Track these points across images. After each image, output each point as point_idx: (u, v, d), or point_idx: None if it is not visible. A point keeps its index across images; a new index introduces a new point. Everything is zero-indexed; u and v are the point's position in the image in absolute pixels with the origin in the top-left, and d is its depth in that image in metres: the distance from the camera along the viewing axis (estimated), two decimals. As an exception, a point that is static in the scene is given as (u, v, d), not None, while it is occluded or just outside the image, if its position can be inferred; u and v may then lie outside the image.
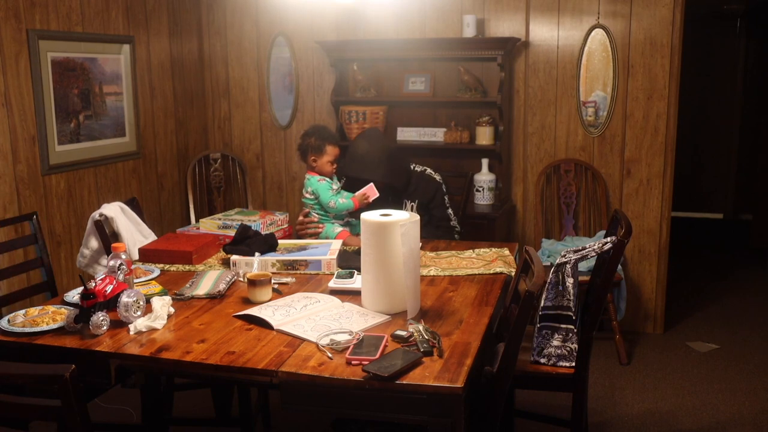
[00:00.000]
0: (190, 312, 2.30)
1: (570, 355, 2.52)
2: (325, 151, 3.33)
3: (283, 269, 2.74)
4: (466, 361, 1.88)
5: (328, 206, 3.29)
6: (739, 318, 4.71)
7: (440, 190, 3.37)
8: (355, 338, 1.99)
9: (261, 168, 5.05)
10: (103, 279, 2.16)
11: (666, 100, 4.19)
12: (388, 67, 4.61)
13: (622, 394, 3.64)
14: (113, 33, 4.17)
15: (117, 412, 3.39)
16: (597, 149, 4.38)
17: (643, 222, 4.34)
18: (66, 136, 3.86)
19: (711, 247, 6.65)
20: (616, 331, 4.02)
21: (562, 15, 4.31)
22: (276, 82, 4.91)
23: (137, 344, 2.04)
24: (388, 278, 2.22)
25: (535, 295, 1.97)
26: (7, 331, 2.12)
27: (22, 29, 3.55)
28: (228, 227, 3.19)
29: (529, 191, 4.54)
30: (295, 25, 4.79)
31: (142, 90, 4.44)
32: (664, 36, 4.14)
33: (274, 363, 1.89)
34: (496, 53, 4.19)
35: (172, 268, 2.80)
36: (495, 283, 2.57)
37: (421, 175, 3.40)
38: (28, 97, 3.60)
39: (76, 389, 1.56)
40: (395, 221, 2.20)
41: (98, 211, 3.12)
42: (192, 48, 4.91)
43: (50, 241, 3.73)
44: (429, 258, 2.89)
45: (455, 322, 2.18)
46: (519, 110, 4.48)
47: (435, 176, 3.39)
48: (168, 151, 4.72)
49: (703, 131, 7.64)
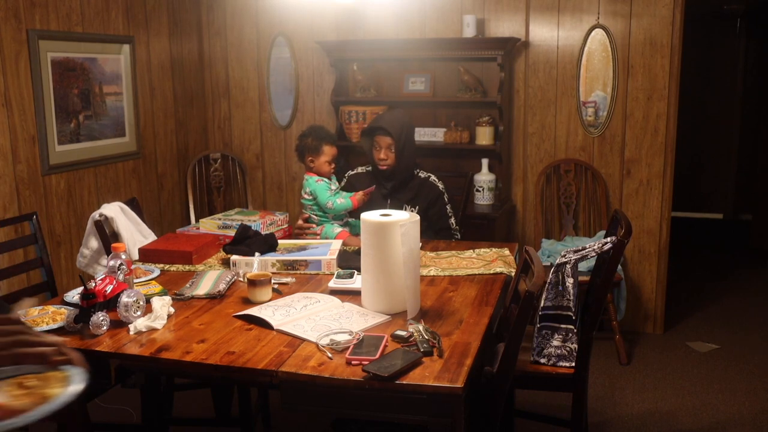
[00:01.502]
0: (190, 312, 2.30)
1: (570, 355, 2.52)
2: (322, 152, 3.33)
3: (283, 269, 2.74)
4: (466, 361, 1.88)
5: (326, 207, 3.29)
6: (739, 318, 4.71)
7: (441, 198, 3.37)
8: (355, 338, 1.99)
9: (261, 168, 5.05)
10: (103, 279, 2.16)
11: (666, 100, 4.19)
12: (388, 67, 4.61)
13: (622, 394, 3.64)
14: (113, 33, 4.17)
15: (117, 412, 3.39)
16: (597, 149, 4.38)
17: (643, 222, 4.34)
18: (66, 136, 3.86)
19: (711, 247, 6.65)
20: (616, 331, 4.02)
21: (562, 15, 4.31)
22: (276, 83, 4.91)
23: (137, 344, 2.04)
24: (388, 278, 2.22)
25: (535, 295, 1.97)
26: (7, 331, 2.11)
27: (22, 29, 3.55)
28: (228, 227, 3.19)
29: (529, 191, 4.54)
30: (295, 25, 4.79)
31: (142, 90, 4.44)
32: (664, 36, 4.14)
33: (274, 363, 1.88)
34: (496, 53, 4.19)
35: (172, 268, 2.80)
36: (495, 283, 2.57)
37: (424, 182, 3.40)
38: (28, 97, 3.61)
39: (76, 389, 1.56)
40: (395, 221, 2.20)
41: (98, 211, 3.12)
42: (192, 48, 4.91)
43: (50, 241, 3.73)
44: (429, 258, 2.89)
45: (455, 322, 2.18)
46: (519, 110, 4.48)
47: (438, 184, 3.39)
48: (168, 151, 4.73)
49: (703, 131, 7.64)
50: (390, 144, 3.29)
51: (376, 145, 3.32)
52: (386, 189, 3.37)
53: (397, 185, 3.37)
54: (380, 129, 3.30)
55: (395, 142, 3.28)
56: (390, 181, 3.36)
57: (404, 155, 3.31)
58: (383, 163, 3.32)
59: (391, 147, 3.29)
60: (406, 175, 3.37)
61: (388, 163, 3.32)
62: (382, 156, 3.30)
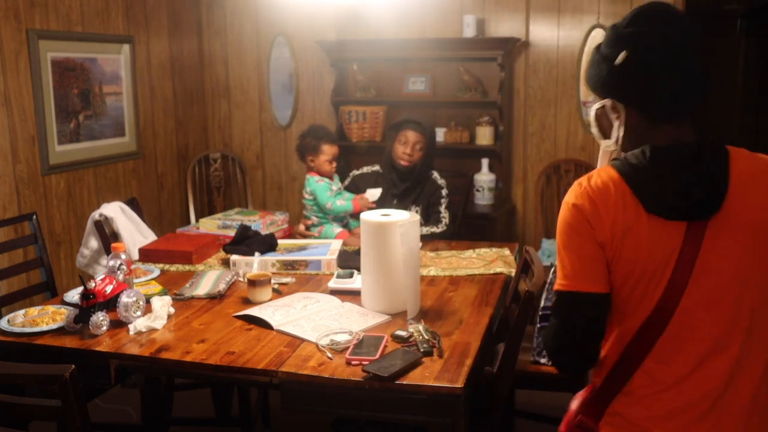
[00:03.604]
0: (190, 312, 2.30)
1: (570, 355, 2.52)
2: (321, 151, 3.32)
3: (283, 269, 2.74)
4: (466, 361, 1.88)
5: (325, 207, 3.29)
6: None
7: (439, 192, 3.35)
8: (355, 338, 1.99)
9: (261, 168, 5.05)
10: (103, 279, 2.16)
11: (666, 100, 4.18)
12: (388, 67, 4.61)
13: (622, 394, 3.62)
14: (113, 33, 4.17)
15: (117, 412, 3.39)
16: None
17: (643, 222, 4.34)
18: (66, 136, 3.86)
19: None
20: (616, 331, 4.01)
21: (562, 15, 4.31)
22: (276, 82, 4.91)
23: (137, 344, 2.04)
24: (388, 278, 2.22)
25: (535, 295, 1.97)
26: (7, 331, 2.12)
27: (22, 29, 3.55)
28: (228, 227, 3.19)
29: (529, 191, 4.54)
30: (295, 25, 4.79)
31: (141, 90, 4.44)
32: (664, 36, 4.13)
33: (274, 363, 1.88)
34: (496, 53, 4.19)
35: (172, 268, 2.80)
36: (495, 283, 2.56)
37: (427, 179, 3.39)
38: (28, 97, 3.60)
39: (76, 389, 1.56)
40: (395, 221, 2.20)
41: (98, 211, 3.12)
42: (192, 48, 4.91)
43: (50, 241, 3.73)
44: (429, 258, 2.89)
45: (455, 322, 2.17)
46: (519, 110, 4.47)
47: (439, 180, 3.38)
48: (168, 151, 4.72)
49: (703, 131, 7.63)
50: (418, 141, 3.25)
51: (403, 139, 3.27)
52: (398, 190, 3.35)
53: (410, 187, 3.34)
54: (413, 122, 3.26)
55: (425, 141, 3.25)
56: (404, 182, 3.33)
57: (429, 157, 3.29)
58: (407, 158, 3.26)
59: (418, 145, 3.26)
60: (421, 178, 3.35)
61: (412, 160, 3.27)
62: (408, 151, 3.25)
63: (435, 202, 3.35)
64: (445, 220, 3.32)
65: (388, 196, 3.33)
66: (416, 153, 3.26)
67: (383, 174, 3.40)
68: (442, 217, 3.32)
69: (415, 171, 3.30)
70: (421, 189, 3.36)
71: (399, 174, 3.33)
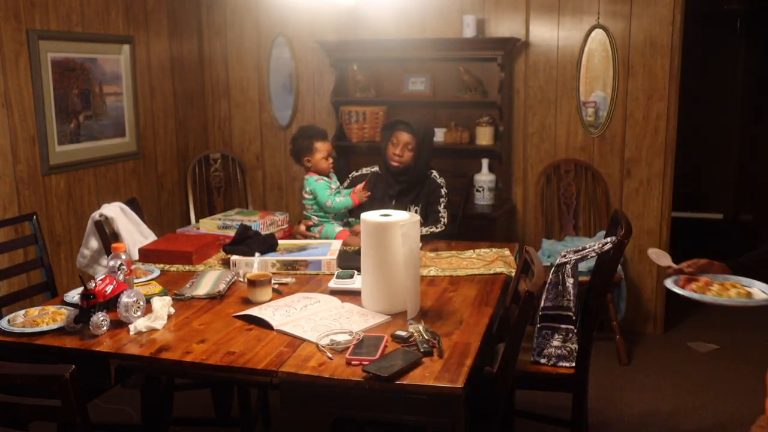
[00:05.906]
0: (190, 312, 2.30)
1: (570, 355, 2.52)
2: (315, 149, 3.33)
3: (283, 269, 2.74)
4: (466, 361, 1.88)
5: (325, 206, 3.29)
6: (739, 318, 4.70)
7: (438, 191, 3.35)
8: (355, 338, 1.99)
9: (261, 168, 5.05)
10: (103, 279, 2.16)
11: (666, 100, 4.19)
12: (388, 67, 4.61)
13: (622, 394, 3.63)
14: (113, 33, 4.17)
15: (117, 412, 3.39)
16: (597, 149, 4.37)
17: (643, 222, 4.34)
18: (66, 136, 3.86)
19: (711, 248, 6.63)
20: (616, 331, 4.02)
21: (562, 15, 4.31)
22: (276, 82, 4.91)
23: (137, 344, 2.04)
24: (388, 278, 2.22)
25: (535, 295, 1.97)
26: (7, 331, 2.12)
27: (22, 29, 3.55)
28: (228, 227, 3.19)
29: (529, 191, 4.54)
30: (295, 25, 4.79)
31: (142, 90, 4.44)
32: (664, 36, 4.14)
33: (274, 363, 1.88)
34: (496, 53, 4.19)
35: (172, 269, 2.80)
36: (495, 284, 2.57)
37: (426, 179, 3.39)
38: (28, 97, 3.60)
39: (76, 389, 1.56)
40: (395, 221, 2.20)
41: (98, 212, 3.12)
42: (192, 48, 4.91)
43: (50, 241, 3.73)
44: (429, 258, 2.89)
45: (455, 322, 2.18)
46: (519, 110, 4.47)
47: (438, 180, 3.38)
48: (168, 151, 4.72)
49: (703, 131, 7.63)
50: (409, 142, 3.25)
51: (394, 140, 3.28)
52: (393, 191, 3.35)
53: (405, 188, 3.34)
54: (403, 124, 3.26)
55: (415, 142, 3.24)
56: (399, 183, 3.33)
57: (421, 158, 3.28)
58: (397, 159, 3.27)
59: (409, 146, 3.25)
60: (418, 179, 3.35)
61: (403, 161, 3.27)
62: (398, 152, 3.25)
63: (434, 202, 3.35)
64: (444, 220, 3.32)
65: (385, 197, 3.33)
66: (407, 154, 3.27)
67: (381, 175, 3.40)
68: (440, 216, 3.32)
69: (408, 171, 3.30)
70: (420, 189, 3.36)
71: (393, 175, 3.34)
